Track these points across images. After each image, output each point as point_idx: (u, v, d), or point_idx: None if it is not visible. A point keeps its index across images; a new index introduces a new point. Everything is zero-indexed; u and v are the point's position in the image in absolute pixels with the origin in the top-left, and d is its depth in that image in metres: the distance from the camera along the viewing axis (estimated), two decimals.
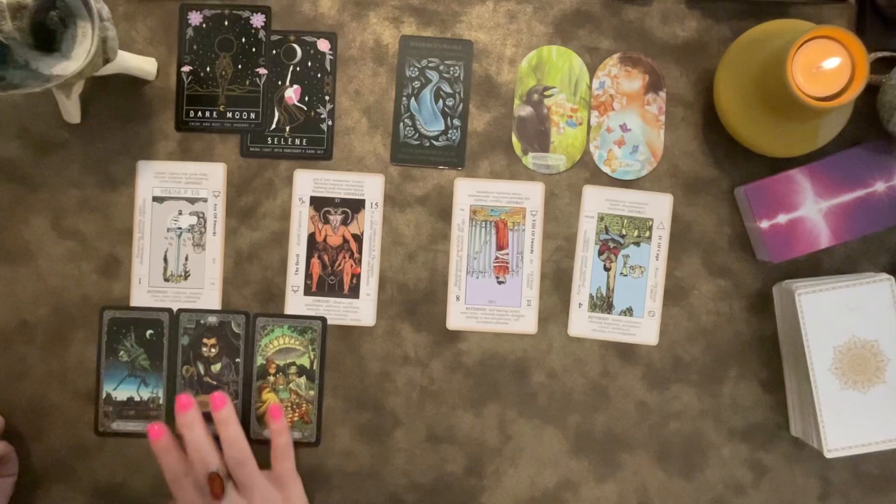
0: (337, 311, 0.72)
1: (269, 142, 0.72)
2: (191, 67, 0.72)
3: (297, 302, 0.72)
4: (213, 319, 0.72)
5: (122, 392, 0.71)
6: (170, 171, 0.72)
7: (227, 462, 0.65)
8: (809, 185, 0.68)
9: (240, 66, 0.72)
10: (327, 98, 0.72)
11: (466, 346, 0.72)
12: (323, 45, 0.72)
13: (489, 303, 0.72)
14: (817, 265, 0.72)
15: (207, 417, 0.67)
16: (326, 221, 0.72)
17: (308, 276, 0.72)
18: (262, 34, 0.72)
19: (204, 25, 0.72)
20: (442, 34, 0.72)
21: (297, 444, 0.71)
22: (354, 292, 0.72)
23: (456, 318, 0.72)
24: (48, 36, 0.60)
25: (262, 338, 0.72)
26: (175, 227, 0.72)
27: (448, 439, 0.72)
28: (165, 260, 0.72)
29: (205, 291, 0.72)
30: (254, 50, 0.72)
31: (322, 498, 0.72)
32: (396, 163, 0.72)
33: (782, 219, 0.68)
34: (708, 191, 0.72)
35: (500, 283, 0.72)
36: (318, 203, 0.72)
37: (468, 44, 0.72)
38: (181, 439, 0.66)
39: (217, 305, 0.72)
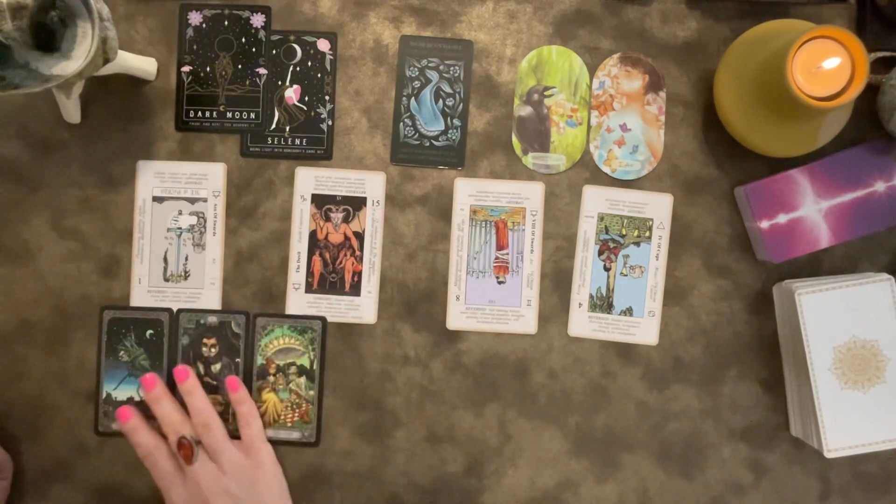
0: (338, 308, 0.72)
1: (269, 142, 0.72)
2: (191, 67, 0.72)
3: (298, 299, 0.72)
4: (213, 319, 0.72)
5: (122, 392, 0.71)
6: (170, 171, 0.72)
7: (195, 429, 0.67)
8: (809, 185, 0.68)
9: (240, 66, 0.72)
10: (327, 98, 0.72)
11: (466, 345, 0.72)
12: (323, 45, 0.72)
13: (489, 303, 0.72)
14: (817, 265, 0.72)
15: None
16: (328, 219, 0.72)
17: (309, 273, 0.72)
18: (262, 34, 0.72)
19: (204, 25, 0.72)
20: (442, 34, 0.72)
21: (298, 444, 0.71)
22: (356, 290, 0.72)
23: (456, 318, 0.72)
24: (48, 36, 0.60)
25: (262, 338, 0.72)
26: (175, 227, 0.72)
27: (448, 439, 0.72)
28: (165, 260, 0.72)
29: (205, 291, 0.72)
30: (254, 50, 0.72)
31: (322, 498, 0.72)
32: (396, 163, 0.72)
33: (782, 219, 0.68)
34: (708, 191, 0.72)
35: (500, 283, 0.72)
36: (320, 200, 0.72)
37: (468, 44, 0.72)
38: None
39: (217, 305, 0.72)
